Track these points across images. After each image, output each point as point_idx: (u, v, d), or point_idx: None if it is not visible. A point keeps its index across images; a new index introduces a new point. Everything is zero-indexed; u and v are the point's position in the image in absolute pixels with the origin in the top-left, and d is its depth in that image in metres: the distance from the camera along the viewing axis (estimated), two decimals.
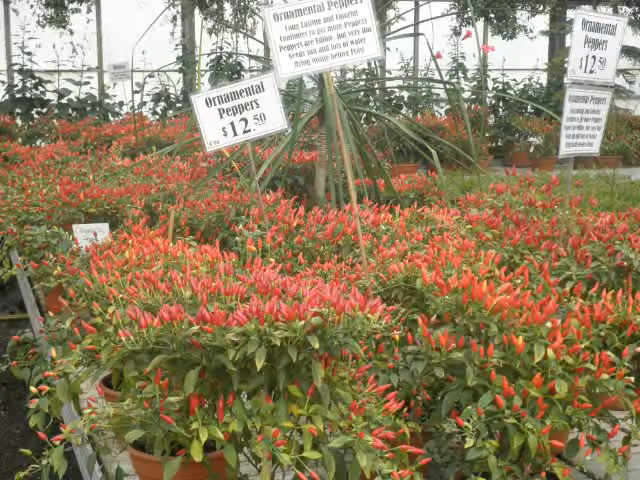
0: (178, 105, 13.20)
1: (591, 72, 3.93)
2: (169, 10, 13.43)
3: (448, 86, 9.28)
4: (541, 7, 14.90)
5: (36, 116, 12.39)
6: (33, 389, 2.91)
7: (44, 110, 12.52)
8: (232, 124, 4.08)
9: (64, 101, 12.72)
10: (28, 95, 12.55)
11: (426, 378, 2.84)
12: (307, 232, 4.40)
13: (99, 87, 13.59)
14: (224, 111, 4.06)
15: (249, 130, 4.11)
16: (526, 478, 2.60)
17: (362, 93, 11.73)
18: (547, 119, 12.98)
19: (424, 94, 13.59)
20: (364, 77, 12.45)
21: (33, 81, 12.60)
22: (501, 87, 14.10)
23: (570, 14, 15.58)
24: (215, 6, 13.74)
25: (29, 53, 12.54)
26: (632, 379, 2.76)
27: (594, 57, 3.91)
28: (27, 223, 5.31)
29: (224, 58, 13.46)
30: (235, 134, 4.10)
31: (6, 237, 5.21)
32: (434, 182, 6.38)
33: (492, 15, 14.39)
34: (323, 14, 3.59)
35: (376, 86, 10.39)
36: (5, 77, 13.07)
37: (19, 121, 12.31)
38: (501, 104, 14.15)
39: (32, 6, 13.09)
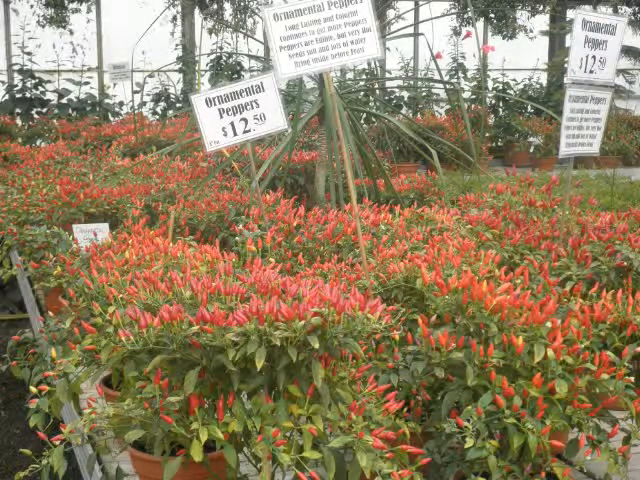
0: (178, 105, 13.20)
1: (591, 72, 3.92)
2: (169, 10, 13.44)
3: (448, 86, 9.27)
4: (541, 7, 14.90)
5: (36, 116, 12.39)
6: (33, 389, 2.91)
7: (44, 110, 12.52)
8: (232, 124, 4.08)
9: (64, 101, 12.72)
10: (28, 95, 12.56)
11: (426, 378, 2.84)
12: (307, 232, 4.40)
13: (99, 87, 13.59)
14: (224, 111, 4.06)
15: (249, 130, 4.11)
16: (526, 478, 2.60)
17: (362, 93, 11.72)
18: (547, 119, 12.97)
19: (424, 94, 13.58)
20: (364, 77, 12.45)
21: (33, 81, 12.60)
22: (501, 87, 14.09)
23: (570, 14, 15.59)
24: (215, 6, 13.74)
25: (29, 53, 12.54)
26: (632, 379, 2.76)
27: (594, 57, 3.91)
28: (27, 223, 5.30)
29: (224, 58, 13.46)
30: (235, 134, 4.10)
31: (6, 237, 5.21)
32: (434, 182, 6.38)
33: (492, 15, 14.40)
34: (323, 14, 3.58)
35: (376, 86, 10.37)
36: (5, 77, 13.07)
37: (19, 121, 12.32)
38: (501, 104, 14.14)
39: (32, 6, 13.09)
